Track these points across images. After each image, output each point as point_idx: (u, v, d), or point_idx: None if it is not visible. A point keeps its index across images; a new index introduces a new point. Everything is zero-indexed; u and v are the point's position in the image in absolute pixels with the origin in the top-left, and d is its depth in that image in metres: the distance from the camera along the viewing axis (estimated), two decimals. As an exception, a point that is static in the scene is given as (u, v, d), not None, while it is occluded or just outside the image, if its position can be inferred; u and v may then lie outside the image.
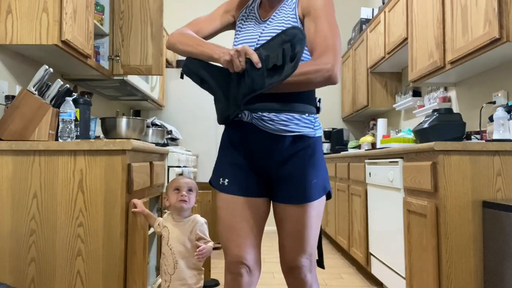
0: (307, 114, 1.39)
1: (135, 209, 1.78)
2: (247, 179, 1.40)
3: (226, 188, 1.41)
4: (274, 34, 1.33)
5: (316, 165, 1.39)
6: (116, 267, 1.65)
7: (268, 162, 1.38)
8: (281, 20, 1.40)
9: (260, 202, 1.42)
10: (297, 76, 1.22)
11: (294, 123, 1.36)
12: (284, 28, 1.26)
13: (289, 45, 1.17)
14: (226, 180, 1.41)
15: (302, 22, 1.38)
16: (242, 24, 1.49)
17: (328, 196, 1.45)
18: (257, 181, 1.41)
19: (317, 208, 1.39)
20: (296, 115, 1.37)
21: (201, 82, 1.34)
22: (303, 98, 1.37)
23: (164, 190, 1.89)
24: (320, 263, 1.49)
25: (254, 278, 1.42)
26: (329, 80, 1.25)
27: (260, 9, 1.49)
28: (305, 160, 1.37)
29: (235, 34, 1.51)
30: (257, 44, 1.39)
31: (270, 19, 1.43)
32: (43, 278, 1.64)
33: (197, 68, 1.33)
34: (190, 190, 1.84)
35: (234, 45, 1.46)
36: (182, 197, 1.80)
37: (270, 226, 2.42)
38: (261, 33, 1.40)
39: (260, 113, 1.35)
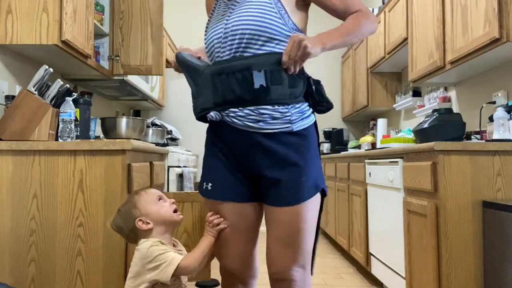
0: (277, 106, 1.21)
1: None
2: (232, 181, 1.27)
3: (209, 193, 1.29)
4: (245, 15, 1.23)
5: (303, 162, 1.23)
6: (116, 267, 1.65)
7: (249, 161, 1.24)
8: (253, 1, 1.25)
9: (249, 206, 1.29)
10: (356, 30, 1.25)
11: (263, 119, 1.21)
12: (255, 8, 1.23)
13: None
14: (210, 184, 1.29)
15: (281, 4, 1.25)
16: (212, 13, 1.36)
17: (323, 194, 1.29)
18: (244, 183, 1.27)
19: (309, 211, 1.23)
20: (269, 109, 1.21)
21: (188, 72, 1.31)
22: (282, 85, 1.20)
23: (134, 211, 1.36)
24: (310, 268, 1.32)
25: (249, 286, 1.35)
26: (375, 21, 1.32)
27: None
28: (289, 157, 1.22)
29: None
30: (225, 27, 1.26)
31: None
32: (43, 278, 1.64)
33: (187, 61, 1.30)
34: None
35: (204, 35, 1.34)
36: (175, 207, 1.39)
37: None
38: (230, 14, 1.27)
39: (229, 108, 1.23)
